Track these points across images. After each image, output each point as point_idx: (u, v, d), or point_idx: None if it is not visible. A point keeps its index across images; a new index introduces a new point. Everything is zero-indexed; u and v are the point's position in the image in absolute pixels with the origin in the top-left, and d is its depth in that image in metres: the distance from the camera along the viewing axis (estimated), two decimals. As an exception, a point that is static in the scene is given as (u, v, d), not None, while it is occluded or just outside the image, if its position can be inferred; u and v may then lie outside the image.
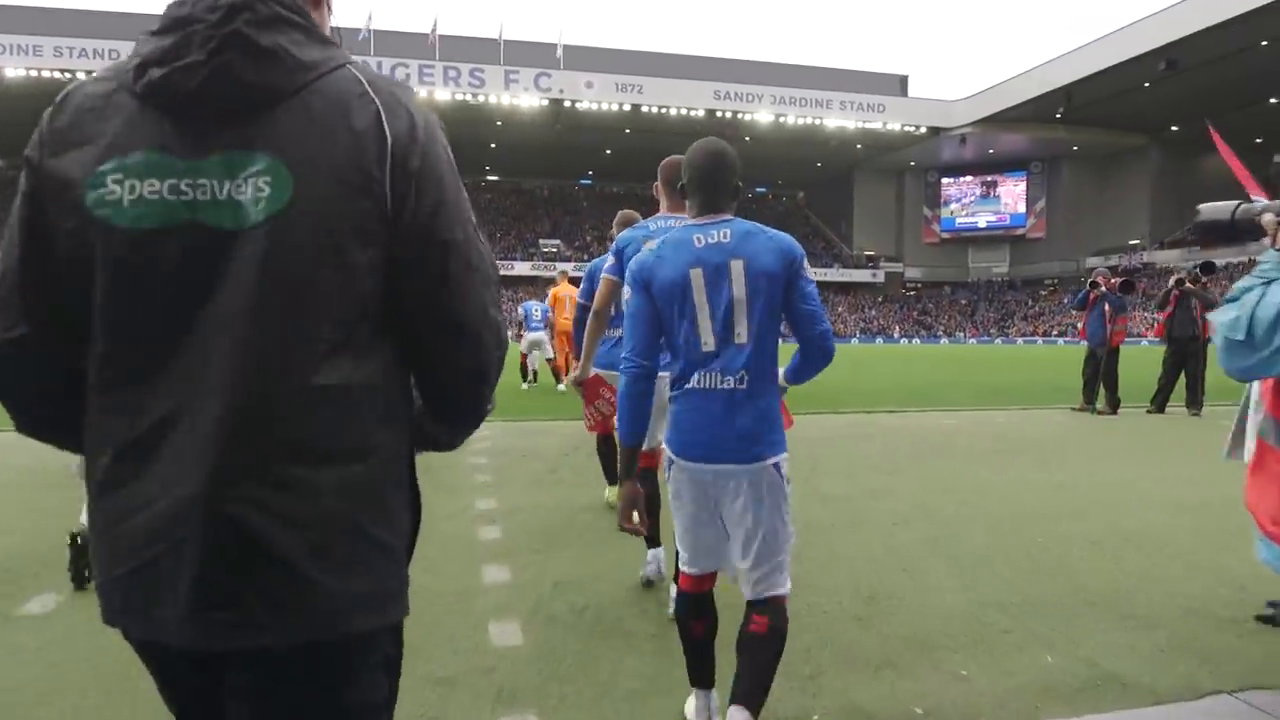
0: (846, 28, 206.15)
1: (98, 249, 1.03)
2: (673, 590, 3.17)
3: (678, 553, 2.56)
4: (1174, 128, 61.59)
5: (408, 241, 1.09)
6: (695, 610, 2.48)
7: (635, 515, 2.36)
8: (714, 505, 2.36)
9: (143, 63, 1.04)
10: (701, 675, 2.52)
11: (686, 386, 2.33)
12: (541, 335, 13.77)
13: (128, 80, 1.06)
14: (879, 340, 64.97)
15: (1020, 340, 63.17)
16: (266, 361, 1.02)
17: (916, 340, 65.17)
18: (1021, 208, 72.70)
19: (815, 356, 2.44)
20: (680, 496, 2.40)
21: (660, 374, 2.45)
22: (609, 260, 3.77)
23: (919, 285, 76.92)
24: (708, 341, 2.31)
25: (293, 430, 1.04)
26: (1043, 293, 72.24)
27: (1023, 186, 72.37)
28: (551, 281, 15.10)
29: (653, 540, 3.89)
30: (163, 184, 1.03)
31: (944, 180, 74.51)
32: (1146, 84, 51.04)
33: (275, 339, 1.03)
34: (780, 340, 2.39)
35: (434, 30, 53.94)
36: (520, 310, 14.83)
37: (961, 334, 68.33)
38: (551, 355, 13.70)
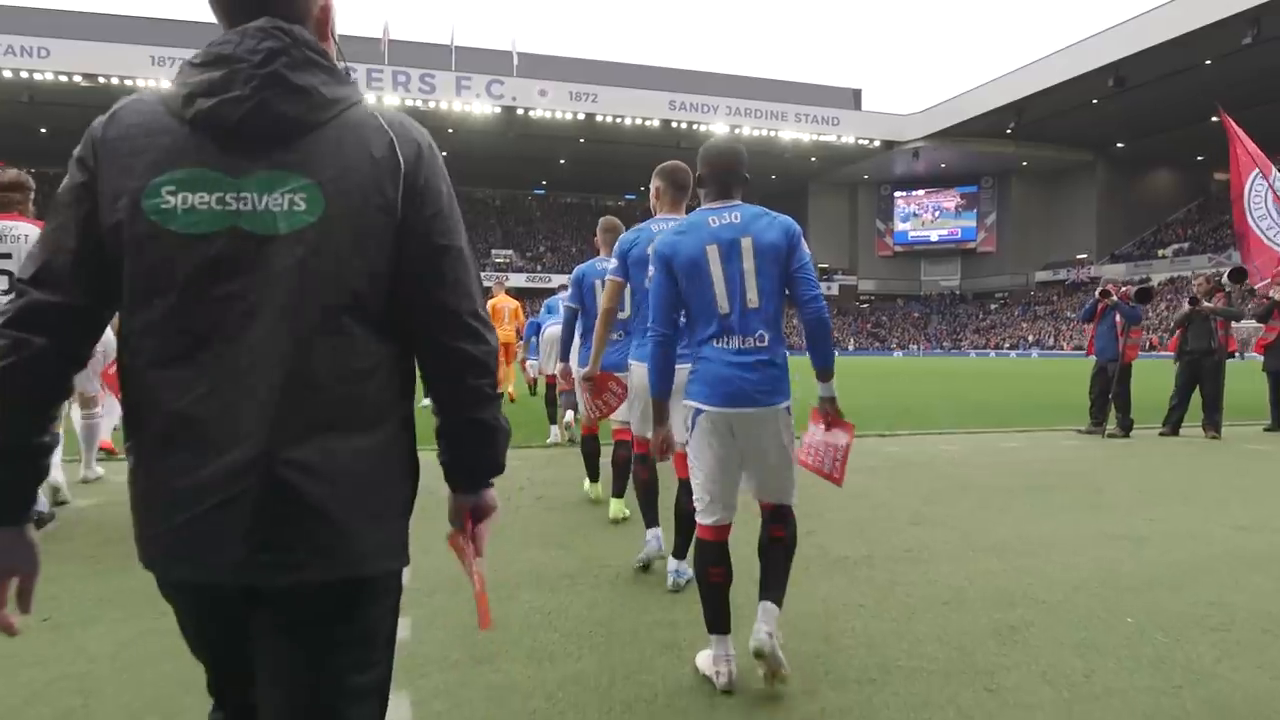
0: (799, 41, 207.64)
1: (149, 247, 1.22)
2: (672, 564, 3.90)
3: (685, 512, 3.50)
4: (1119, 145, 62.64)
5: (411, 245, 1.30)
6: (715, 558, 2.85)
7: (664, 448, 2.96)
8: (737, 445, 2.79)
9: (190, 93, 1.23)
10: (719, 621, 2.81)
11: (712, 348, 2.78)
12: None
13: (175, 106, 1.24)
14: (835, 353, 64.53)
15: (973, 353, 63.29)
16: (304, 346, 1.22)
17: (876, 353, 64.92)
18: (973, 222, 73.21)
19: (814, 326, 2.86)
20: (706, 442, 2.80)
21: (645, 366, 3.08)
22: (612, 263, 4.11)
23: (872, 298, 77.03)
24: (723, 305, 2.76)
25: (328, 404, 1.24)
26: (993, 306, 72.88)
27: (974, 201, 72.88)
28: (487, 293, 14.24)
29: (653, 521, 4.24)
30: (211, 196, 1.22)
31: (897, 194, 74.79)
32: (1095, 100, 51.57)
33: (311, 328, 1.23)
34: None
35: (385, 34, 52.32)
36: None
37: (915, 346, 68.41)
38: None
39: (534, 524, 5.23)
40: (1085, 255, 67.76)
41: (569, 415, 8.00)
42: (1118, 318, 9.73)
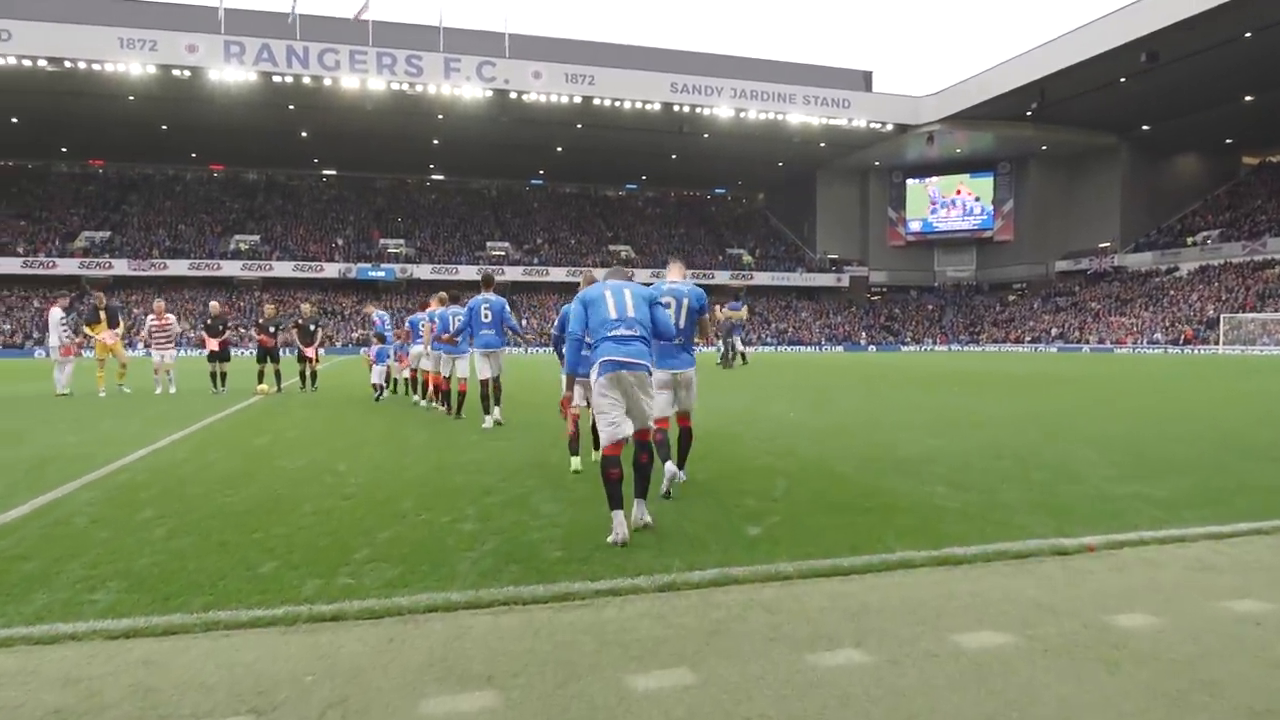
0: (807, 20, 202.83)
1: None
2: None
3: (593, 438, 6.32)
4: (1144, 127, 59.23)
5: None
6: (613, 464, 4.58)
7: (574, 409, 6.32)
8: (622, 395, 4.74)
9: None
10: (617, 502, 4.53)
11: (606, 339, 4.77)
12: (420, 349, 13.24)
13: None
14: (840, 348, 61.63)
15: (993, 347, 60.20)
16: None
17: (888, 347, 61.89)
18: (989, 210, 69.86)
19: (662, 337, 5.27)
20: (607, 396, 4.72)
21: (659, 371, 5.55)
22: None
23: (884, 289, 73.79)
24: (612, 314, 4.84)
25: None
26: (1011, 297, 69.60)
27: (990, 188, 69.51)
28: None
29: (666, 456, 5.74)
30: None
31: (909, 181, 71.46)
32: (1123, 79, 48.28)
33: None
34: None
35: (363, 7, 49.30)
36: (407, 324, 14.15)
37: (930, 341, 65.24)
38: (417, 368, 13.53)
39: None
40: (1108, 243, 64.36)
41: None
42: None
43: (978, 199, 69.97)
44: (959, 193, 70.50)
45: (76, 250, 56.92)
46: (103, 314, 15.47)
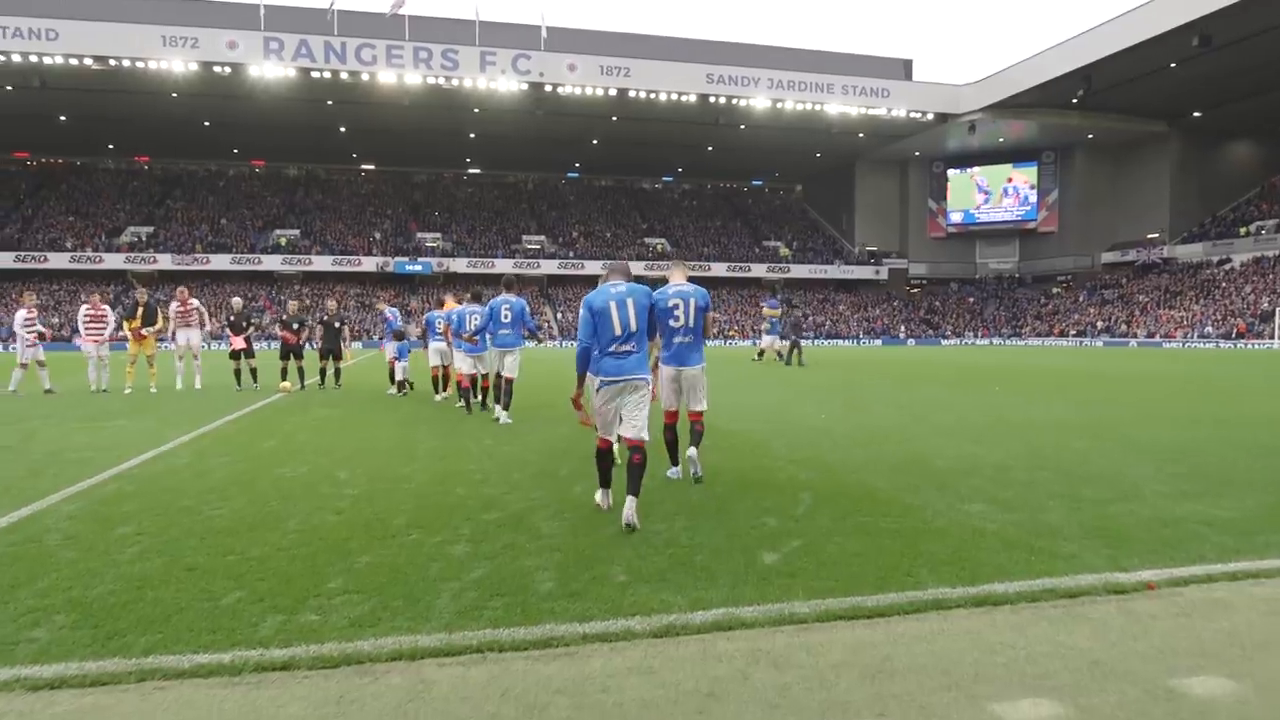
0: (846, 8, 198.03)
1: None
2: None
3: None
4: (1195, 114, 57.30)
5: None
6: (605, 456, 5.51)
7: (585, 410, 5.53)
8: (618, 402, 5.29)
9: None
10: (606, 480, 5.51)
11: (609, 351, 5.25)
12: (443, 345, 13.34)
13: None
14: (879, 341, 60.55)
15: (1036, 341, 58.76)
16: None
17: (949, 341, 60.69)
18: (1032, 200, 68.15)
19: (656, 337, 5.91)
20: (603, 400, 5.31)
21: (668, 367, 6.51)
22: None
23: (924, 282, 72.39)
24: (617, 331, 5.26)
25: None
26: (1055, 290, 67.86)
27: (1034, 178, 67.78)
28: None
29: (675, 461, 6.61)
30: None
31: (950, 172, 69.95)
32: (1173, 64, 46.63)
33: None
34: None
35: (398, 2, 49.27)
36: (424, 320, 14.53)
37: (971, 334, 63.88)
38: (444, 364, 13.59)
39: None
40: (1157, 234, 62.41)
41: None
42: None
43: (1032, 186, 68.21)
44: (1010, 181, 68.78)
45: (122, 245, 57.87)
46: (140, 310, 15.53)
